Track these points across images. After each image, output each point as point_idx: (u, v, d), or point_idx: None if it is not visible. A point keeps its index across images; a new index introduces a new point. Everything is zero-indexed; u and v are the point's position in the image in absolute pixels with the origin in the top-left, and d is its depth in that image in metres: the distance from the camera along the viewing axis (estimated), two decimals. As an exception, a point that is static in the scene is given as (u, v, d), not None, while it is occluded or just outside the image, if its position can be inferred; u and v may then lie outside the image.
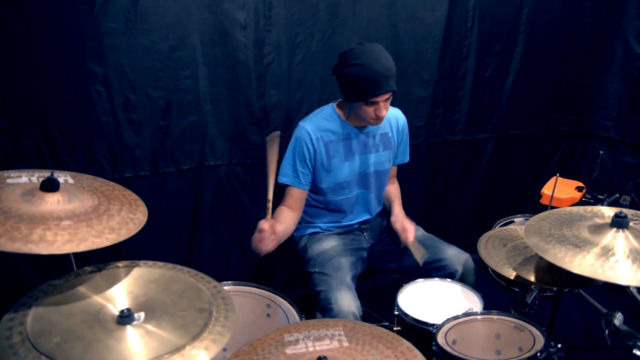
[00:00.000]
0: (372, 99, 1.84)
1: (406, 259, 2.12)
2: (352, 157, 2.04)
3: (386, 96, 1.86)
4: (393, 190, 2.29)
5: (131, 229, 1.25)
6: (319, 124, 1.99)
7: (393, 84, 1.85)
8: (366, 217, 2.19)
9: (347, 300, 1.83)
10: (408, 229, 2.05)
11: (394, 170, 2.29)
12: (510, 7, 2.69)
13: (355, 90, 1.87)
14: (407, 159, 2.26)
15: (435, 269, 2.05)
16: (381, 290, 2.69)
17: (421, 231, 2.19)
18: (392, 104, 2.19)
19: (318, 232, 2.15)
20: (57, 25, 1.79)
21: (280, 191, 2.08)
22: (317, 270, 1.98)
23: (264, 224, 1.70)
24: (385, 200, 2.28)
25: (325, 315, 1.85)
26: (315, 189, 2.07)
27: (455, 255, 2.05)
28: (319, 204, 2.12)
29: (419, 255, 1.99)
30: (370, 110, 1.89)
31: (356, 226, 2.19)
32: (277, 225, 1.83)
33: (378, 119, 1.92)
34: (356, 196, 2.12)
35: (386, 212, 2.33)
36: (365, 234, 2.20)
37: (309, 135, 1.97)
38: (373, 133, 2.07)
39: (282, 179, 1.99)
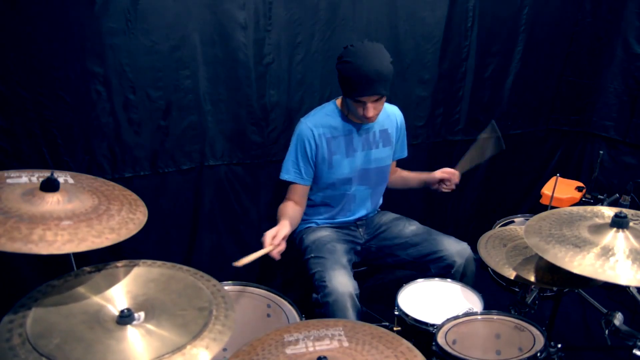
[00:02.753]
0: (358, 98, 1.86)
1: (403, 254, 2.12)
2: (353, 153, 2.05)
3: (373, 98, 1.87)
4: (407, 172, 2.34)
5: (131, 229, 1.25)
6: (321, 120, 2.01)
7: (381, 88, 1.85)
8: (363, 213, 2.20)
9: (341, 278, 1.84)
10: (447, 170, 2.17)
11: (394, 165, 2.31)
12: (510, 7, 2.69)
13: (345, 86, 1.90)
14: (405, 154, 2.28)
15: (433, 261, 2.05)
16: (381, 290, 2.69)
17: (417, 224, 2.19)
18: (393, 103, 2.20)
19: (313, 226, 2.16)
20: (57, 25, 1.79)
21: (279, 190, 2.08)
22: (312, 255, 2.00)
23: (268, 238, 1.77)
24: (402, 182, 2.33)
25: (319, 294, 1.85)
26: (315, 185, 2.08)
27: (453, 246, 2.05)
28: (316, 200, 2.13)
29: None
30: (359, 108, 1.91)
31: (352, 222, 2.20)
32: (282, 222, 1.86)
33: (366, 119, 1.93)
34: (356, 192, 2.13)
35: (385, 207, 2.34)
36: (360, 229, 2.21)
37: (311, 131, 1.98)
38: (373, 129, 2.08)
39: (285, 176, 2.02)
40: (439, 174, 2.17)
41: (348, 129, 2.03)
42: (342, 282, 1.83)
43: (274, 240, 1.76)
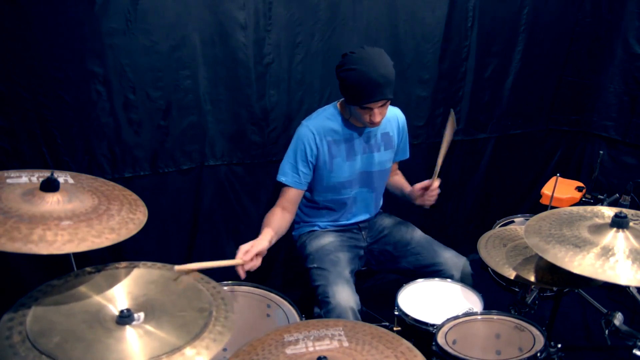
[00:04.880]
0: (365, 105, 1.85)
1: (404, 261, 2.12)
2: (354, 157, 2.05)
3: (380, 103, 1.87)
4: (399, 178, 2.33)
5: (131, 229, 1.25)
6: (322, 124, 2.00)
7: (388, 92, 1.85)
8: (365, 216, 2.20)
9: (344, 294, 1.83)
10: (425, 183, 2.04)
11: (395, 165, 2.31)
12: (510, 7, 2.69)
13: (351, 94, 1.88)
14: (407, 155, 2.28)
15: (431, 273, 2.05)
16: (381, 290, 2.69)
17: (419, 232, 2.18)
18: (392, 104, 2.19)
19: (316, 230, 2.15)
20: (57, 25, 1.79)
21: (279, 190, 2.08)
22: (315, 265, 1.99)
23: (241, 252, 1.66)
24: (394, 188, 2.30)
25: (322, 309, 1.84)
26: (316, 188, 2.08)
27: (452, 260, 2.05)
28: (318, 204, 2.13)
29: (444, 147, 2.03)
30: (365, 114, 1.90)
31: (355, 225, 2.19)
32: (263, 235, 1.79)
33: (373, 124, 1.93)
34: (357, 195, 2.13)
35: (386, 210, 2.34)
36: (363, 232, 2.20)
37: (313, 134, 1.97)
38: (375, 132, 2.08)
39: (281, 178, 2.00)
40: (417, 187, 2.07)
41: (349, 133, 2.02)
42: (345, 297, 1.82)
43: (245, 255, 1.66)
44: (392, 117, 2.13)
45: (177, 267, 1.32)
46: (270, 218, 1.95)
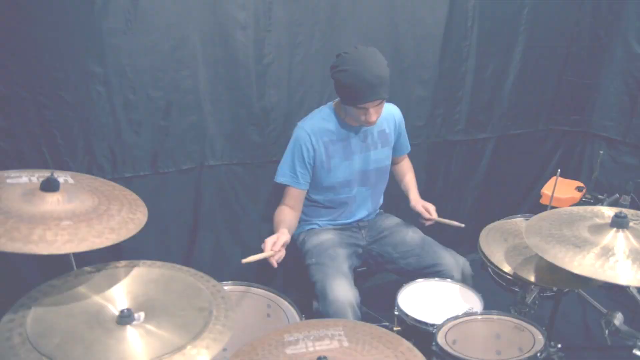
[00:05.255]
0: (361, 105, 1.85)
1: (404, 262, 2.12)
2: (351, 156, 2.05)
3: (375, 103, 1.87)
4: (409, 178, 2.34)
5: (131, 229, 1.25)
6: (318, 125, 2.01)
7: (383, 92, 1.86)
8: (364, 214, 2.20)
9: (342, 288, 1.84)
10: (429, 207, 2.14)
11: (403, 158, 2.35)
12: (510, 7, 2.69)
13: (346, 95, 1.89)
14: (409, 148, 2.31)
15: (432, 274, 2.05)
16: (381, 290, 2.69)
17: (419, 233, 2.19)
18: (393, 103, 2.20)
19: (315, 228, 2.17)
20: (57, 25, 1.79)
21: (279, 191, 2.08)
22: (314, 260, 2.00)
23: (269, 244, 1.77)
24: (402, 186, 2.34)
25: (320, 304, 1.85)
26: (315, 188, 2.08)
27: (452, 261, 2.05)
28: (317, 203, 2.13)
29: (455, 223, 2.09)
30: (361, 114, 1.91)
31: (354, 224, 2.19)
32: (282, 230, 1.87)
33: (369, 123, 1.93)
34: (356, 194, 2.13)
35: (387, 210, 2.34)
36: (362, 231, 2.21)
37: (309, 136, 1.98)
38: (371, 131, 2.08)
39: (281, 179, 2.02)
40: (419, 207, 2.17)
41: (345, 133, 2.03)
42: (343, 292, 1.83)
43: (274, 246, 1.77)
44: (388, 115, 2.13)
45: (244, 260, 1.65)
46: (280, 216, 1.99)
